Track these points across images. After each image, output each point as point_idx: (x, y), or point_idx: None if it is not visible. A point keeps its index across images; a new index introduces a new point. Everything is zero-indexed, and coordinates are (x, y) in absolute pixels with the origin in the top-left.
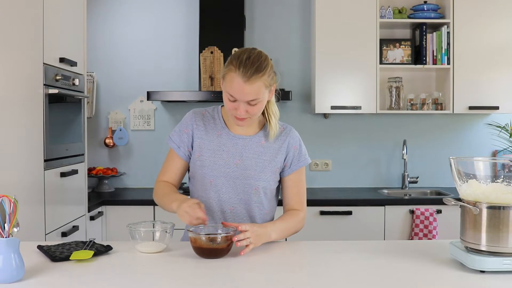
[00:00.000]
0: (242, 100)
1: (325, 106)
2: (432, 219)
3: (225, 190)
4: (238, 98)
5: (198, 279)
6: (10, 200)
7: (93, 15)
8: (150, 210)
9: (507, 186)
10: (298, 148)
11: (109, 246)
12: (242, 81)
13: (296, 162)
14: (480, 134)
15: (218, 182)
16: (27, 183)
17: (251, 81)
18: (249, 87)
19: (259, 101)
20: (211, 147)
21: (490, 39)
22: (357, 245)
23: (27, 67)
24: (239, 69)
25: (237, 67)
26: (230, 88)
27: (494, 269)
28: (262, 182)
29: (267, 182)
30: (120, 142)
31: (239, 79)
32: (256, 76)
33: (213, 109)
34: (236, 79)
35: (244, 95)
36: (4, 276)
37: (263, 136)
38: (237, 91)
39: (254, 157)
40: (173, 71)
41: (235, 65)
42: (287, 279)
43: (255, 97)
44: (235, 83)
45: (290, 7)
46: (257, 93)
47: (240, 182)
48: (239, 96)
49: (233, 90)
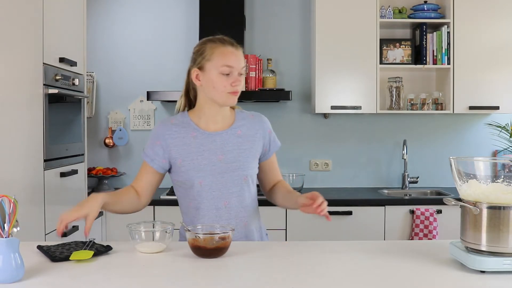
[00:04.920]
0: (237, 67)
1: (325, 106)
2: (432, 219)
3: (215, 187)
4: (234, 65)
5: (198, 279)
6: (10, 200)
7: (93, 15)
8: (150, 210)
9: (507, 186)
10: (271, 131)
11: (109, 246)
12: (233, 49)
13: (273, 144)
14: (480, 134)
15: (207, 181)
16: (27, 183)
17: (238, 49)
18: (239, 53)
19: (244, 71)
20: (190, 150)
21: (490, 39)
22: (357, 245)
23: (27, 67)
24: (225, 42)
25: (221, 42)
26: (224, 59)
27: (494, 269)
28: (250, 170)
29: (253, 169)
30: (120, 142)
31: (230, 48)
32: (238, 45)
33: (181, 115)
34: (228, 49)
35: (239, 60)
36: (4, 276)
37: (238, 127)
38: (232, 59)
39: (235, 148)
40: (173, 71)
41: (217, 42)
42: (287, 279)
43: (244, 64)
44: (228, 52)
45: (290, 7)
46: (244, 60)
47: (228, 175)
48: (235, 62)
49: (228, 59)
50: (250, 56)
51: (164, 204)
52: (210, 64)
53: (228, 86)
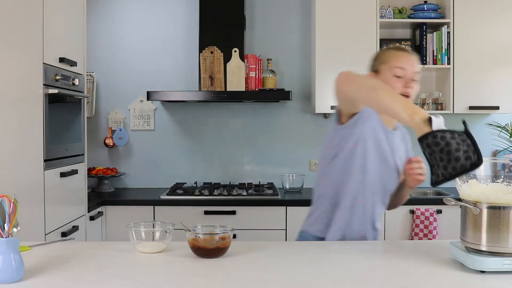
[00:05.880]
0: (410, 71)
1: (325, 106)
2: (432, 219)
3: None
4: (407, 67)
5: (198, 279)
6: (10, 200)
7: (93, 15)
8: (150, 210)
9: (508, 186)
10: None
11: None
12: (408, 54)
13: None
14: (480, 134)
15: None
16: (27, 183)
17: (413, 55)
18: (413, 58)
19: (419, 77)
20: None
21: (490, 39)
22: (357, 245)
23: (27, 67)
24: (400, 48)
25: (397, 48)
26: (398, 61)
27: (494, 269)
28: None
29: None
30: (120, 142)
31: (405, 53)
32: (414, 53)
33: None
34: (403, 54)
35: (413, 64)
36: (4, 276)
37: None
38: (406, 62)
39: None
40: (173, 71)
41: (393, 48)
42: (287, 279)
43: (418, 70)
44: (403, 57)
45: (290, 7)
46: (418, 67)
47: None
48: (408, 65)
49: (402, 61)
50: (250, 56)
51: (164, 204)
52: (385, 67)
53: (400, 87)
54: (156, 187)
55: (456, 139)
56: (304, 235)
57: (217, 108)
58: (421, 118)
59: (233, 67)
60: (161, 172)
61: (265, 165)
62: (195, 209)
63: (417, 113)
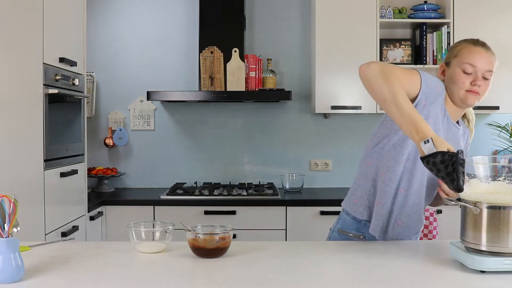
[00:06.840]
0: (481, 68)
1: (325, 106)
2: (432, 219)
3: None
4: (478, 65)
5: (198, 279)
6: (10, 200)
7: (93, 15)
8: (150, 210)
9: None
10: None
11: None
12: (483, 50)
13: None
14: (480, 134)
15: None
16: (27, 183)
17: (490, 51)
18: (488, 56)
19: (491, 76)
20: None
21: (490, 39)
22: (357, 245)
23: (27, 67)
24: (477, 43)
25: (473, 42)
26: (469, 57)
27: (494, 269)
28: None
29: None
30: (120, 142)
31: (480, 48)
32: (492, 51)
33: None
34: (477, 49)
35: (484, 62)
36: (4, 276)
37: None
38: (477, 59)
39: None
40: (173, 71)
41: (470, 42)
42: (287, 279)
43: (491, 68)
44: (476, 52)
45: (290, 7)
46: (493, 65)
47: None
48: (479, 62)
49: (473, 57)
50: (250, 56)
51: (164, 204)
52: (456, 61)
53: (467, 84)
54: (156, 187)
55: (446, 162)
56: (344, 218)
57: (217, 108)
58: (419, 139)
59: (233, 67)
60: (161, 172)
61: (265, 165)
62: (195, 209)
63: (418, 132)
